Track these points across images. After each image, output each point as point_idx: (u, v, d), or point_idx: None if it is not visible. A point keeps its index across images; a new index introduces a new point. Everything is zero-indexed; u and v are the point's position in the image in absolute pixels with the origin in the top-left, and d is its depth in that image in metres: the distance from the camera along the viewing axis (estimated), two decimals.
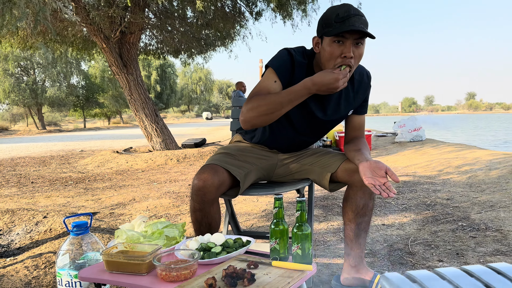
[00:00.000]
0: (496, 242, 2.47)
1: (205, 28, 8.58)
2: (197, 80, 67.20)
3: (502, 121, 39.39)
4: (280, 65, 1.71)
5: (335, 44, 1.59)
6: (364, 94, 1.87)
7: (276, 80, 1.70)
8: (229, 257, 1.43)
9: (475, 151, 6.63)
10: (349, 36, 1.56)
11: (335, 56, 1.60)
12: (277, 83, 1.69)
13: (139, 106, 8.09)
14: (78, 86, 36.31)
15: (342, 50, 1.58)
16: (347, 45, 1.57)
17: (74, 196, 4.50)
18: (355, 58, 1.62)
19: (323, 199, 3.84)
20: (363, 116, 1.92)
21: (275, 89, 1.69)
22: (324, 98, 1.77)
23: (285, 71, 1.71)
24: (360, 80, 1.84)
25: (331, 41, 1.59)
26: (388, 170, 1.54)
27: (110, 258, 1.39)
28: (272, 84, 1.69)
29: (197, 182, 1.67)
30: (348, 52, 1.57)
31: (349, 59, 1.59)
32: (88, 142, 15.57)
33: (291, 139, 1.92)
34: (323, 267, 2.20)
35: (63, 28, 7.81)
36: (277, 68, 1.71)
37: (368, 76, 1.88)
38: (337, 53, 1.59)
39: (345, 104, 1.83)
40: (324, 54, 1.64)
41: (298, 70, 1.72)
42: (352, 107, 1.86)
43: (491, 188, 3.92)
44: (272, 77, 1.70)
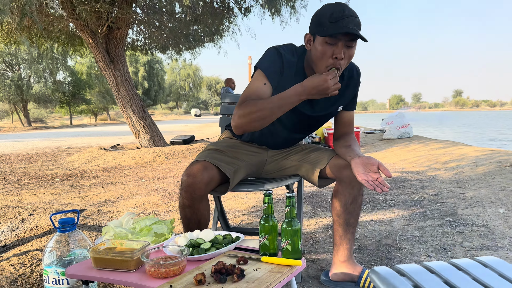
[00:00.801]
0: (483, 237, 2.50)
1: (194, 24, 8.52)
2: (186, 76, 66.81)
3: (490, 119, 40.01)
4: (269, 66, 1.71)
5: (327, 44, 1.58)
6: (353, 91, 1.88)
7: (266, 82, 1.69)
8: (219, 253, 1.42)
9: (462, 148, 6.71)
10: (342, 37, 1.56)
11: (327, 57, 1.60)
12: (267, 85, 1.69)
13: (126, 102, 8.01)
14: (64, 82, 35.81)
15: (334, 51, 1.58)
16: (339, 46, 1.57)
17: (60, 193, 4.44)
18: (346, 59, 1.62)
19: (312, 196, 3.85)
20: (352, 112, 1.93)
21: (265, 92, 1.68)
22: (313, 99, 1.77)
23: (274, 72, 1.70)
24: (350, 77, 1.85)
25: (323, 41, 1.59)
26: (380, 165, 1.55)
27: (97, 255, 1.38)
28: (262, 87, 1.69)
29: (186, 179, 1.66)
30: (340, 53, 1.57)
31: (340, 61, 1.59)
32: (74, 139, 15.39)
33: (281, 136, 1.92)
34: (312, 263, 2.21)
35: (48, 23, 7.68)
36: (266, 69, 1.70)
37: (358, 72, 1.89)
38: (329, 54, 1.59)
39: (334, 100, 1.84)
40: (315, 53, 1.63)
41: (287, 69, 1.72)
42: (341, 103, 1.86)
43: (478, 184, 3.97)
44: (261, 79, 1.70)
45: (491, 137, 15.55)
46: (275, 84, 1.71)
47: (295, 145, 2.03)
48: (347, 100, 1.88)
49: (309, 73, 1.74)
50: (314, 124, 1.91)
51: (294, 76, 1.74)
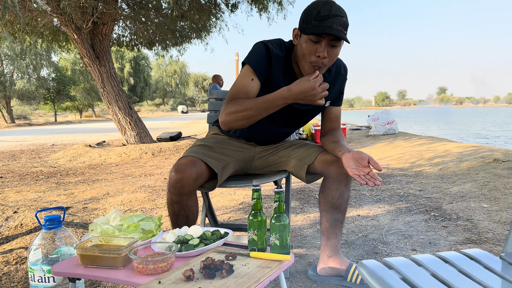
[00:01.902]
0: (467, 231, 2.55)
1: (180, 20, 8.45)
2: (172, 73, 66.34)
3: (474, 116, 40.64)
4: (257, 61, 1.70)
5: (311, 42, 1.59)
6: (340, 86, 1.90)
7: (254, 78, 1.70)
8: (207, 249, 1.42)
9: (446, 144, 6.81)
10: (326, 36, 1.57)
11: (310, 54, 1.60)
12: (254, 81, 1.70)
13: (112, 99, 7.92)
14: (49, 78, 35.26)
15: (317, 49, 1.59)
16: (322, 45, 1.58)
17: (45, 190, 4.38)
18: (329, 58, 1.62)
19: (300, 191, 3.86)
20: (339, 108, 1.94)
21: (253, 88, 1.69)
22: None
23: (262, 67, 1.70)
24: (337, 73, 1.86)
25: (308, 39, 1.60)
26: (370, 159, 1.56)
27: (84, 252, 1.36)
28: (249, 83, 1.69)
29: (174, 174, 1.65)
30: (322, 52, 1.58)
31: (322, 59, 1.60)
32: (59, 136, 15.17)
33: (269, 131, 1.92)
34: (300, 258, 2.22)
35: (32, 18, 7.53)
36: (254, 65, 1.70)
37: (345, 69, 1.91)
38: (312, 52, 1.60)
39: None
40: (300, 49, 1.64)
41: (275, 64, 1.72)
42: (329, 98, 1.87)
43: (462, 179, 4.04)
44: (249, 75, 1.70)
45: (475, 134, 15.81)
46: (263, 79, 1.71)
47: (283, 141, 2.03)
48: (334, 96, 1.89)
49: (296, 68, 1.75)
50: (301, 118, 1.91)
51: (282, 71, 1.74)
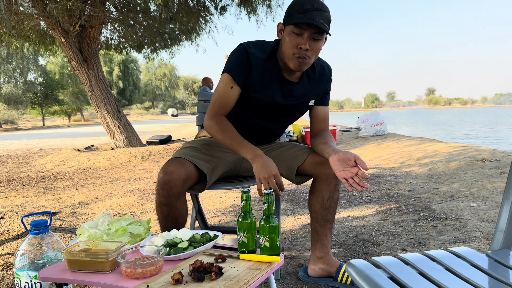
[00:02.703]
0: (456, 230, 2.57)
1: (169, 22, 8.43)
2: (162, 76, 66.09)
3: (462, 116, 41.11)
4: (235, 67, 1.74)
5: (294, 34, 1.61)
6: (325, 86, 1.91)
7: (233, 85, 1.74)
8: (196, 252, 1.41)
9: (435, 144, 6.87)
10: (307, 29, 1.59)
11: (292, 46, 1.63)
12: (234, 89, 1.75)
13: (100, 102, 7.86)
14: (36, 82, 34.88)
15: (299, 41, 1.61)
16: (304, 37, 1.60)
17: (33, 196, 4.32)
18: (311, 51, 1.64)
19: (290, 193, 3.87)
20: (326, 108, 1.95)
21: (232, 95, 1.76)
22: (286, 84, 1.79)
23: (240, 73, 1.73)
24: (322, 72, 1.89)
25: (291, 31, 1.62)
26: (357, 159, 1.56)
27: (71, 257, 1.34)
28: (229, 91, 1.75)
29: (163, 176, 1.64)
30: (304, 44, 1.60)
31: (304, 51, 1.62)
32: (47, 140, 15.00)
33: (257, 129, 1.92)
34: (290, 259, 2.22)
35: (18, 22, 7.45)
36: (232, 72, 1.73)
37: (329, 69, 1.93)
38: (294, 44, 1.62)
39: (307, 92, 1.85)
40: (283, 42, 1.67)
41: (255, 66, 1.74)
42: (313, 96, 1.88)
43: (451, 179, 4.07)
44: (228, 83, 1.74)
45: (464, 135, 15.99)
46: (243, 82, 1.74)
47: (273, 143, 2.03)
48: (319, 95, 1.90)
49: (283, 63, 1.75)
50: (287, 115, 1.91)
51: (263, 72, 1.75)
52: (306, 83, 1.83)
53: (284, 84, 1.79)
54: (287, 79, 1.78)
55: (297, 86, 1.81)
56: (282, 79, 1.78)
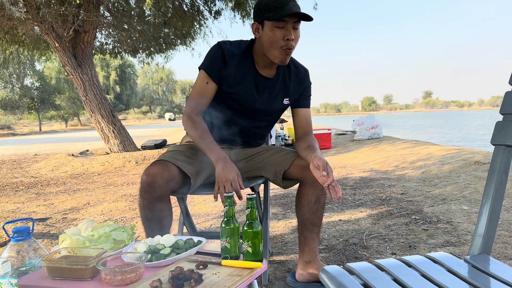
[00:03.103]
0: (447, 234, 2.56)
1: (163, 27, 8.43)
2: (159, 80, 66.14)
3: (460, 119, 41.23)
4: (209, 64, 1.80)
5: (276, 28, 1.67)
6: (300, 87, 1.93)
7: (208, 81, 1.80)
8: (178, 258, 1.39)
9: (429, 147, 6.88)
10: (289, 20, 1.65)
11: (278, 40, 1.68)
12: (209, 84, 1.80)
13: (94, 107, 7.84)
14: (33, 87, 34.82)
15: (284, 33, 1.67)
16: (288, 29, 1.67)
17: (24, 201, 4.29)
18: (295, 40, 1.72)
19: (283, 197, 3.85)
20: (307, 111, 1.96)
21: (208, 90, 1.81)
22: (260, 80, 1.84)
23: (214, 68, 1.79)
24: (297, 72, 1.93)
25: (273, 26, 1.68)
26: (323, 167, 1.55)
27: (51, 264, 1.32)
28: (204, 86, 1.81)
29: (145, 178, 1.63)
30: (290, 35, 1.67)
31: (291, 42, 1.69)
32: (43, 145, 14.95)
33: (237, 128, 1.93)
34: (279, 264, 2.21)
35: (12, 27, 7.43)
36: (207, 68, 1.80)
37: (305, 70, 1.97)
38: (280, 37, 1.67)
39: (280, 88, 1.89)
40: (267, 38, 1.71)
41: (230, 60, 1.79)
42: (286, 95, 1.90)
43: (443, 182, 4.07)
44: (204, 79, 1.81)
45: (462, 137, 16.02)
46: (218, 76, 1.80)
47: (259, 147, 2.02)
48: (294, 95, 1.93)
49: (261, 61, 1.81)
50: (264, 113, 1.93)
51: (238, 67, 1.81)
52: (280, 80, 1.88)
53: (258, 79, 1.83)
54: (261, 75, 1.83)
55: (271, 82, 1.86)
56: (257, 75, 1.83)
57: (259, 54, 1.80)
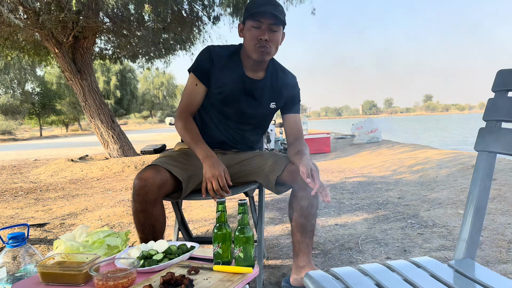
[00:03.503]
0: (442, 238, 2.57)
1: (163, 32, 8.46)
2: (159, 85, 66.23)
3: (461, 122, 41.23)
4: (197, 66, 1.88)
5: (253, 28, 1.76)
6: (287, 91, 1.97)
7: (197, 83, 1.88)
8: (170, 264, 1.41)
9: (427, 151, 6.89)
10: (264, 21, 1.73)
11: (253, 38, 1.76)
12: (198, 86, 1.89)
13: (94, 112, 7.87)
14: (33, 93, 34.91)
15: (258, 33, 1.75)
16: (262, 29, 1.75)
17: (23, 207, 4.31)
18: (271, 42, 1.77)
19: (280, 202, 3.86)
20: (297, 116, 2.00)
21: (198, 92, 1.89)
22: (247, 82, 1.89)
23: (202, 70, 1.87)
24: (284, 77, 1.97)
25: (250, 26, 1.77)
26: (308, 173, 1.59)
27: (45, 270, 1.34)
28: (194, 88, 1.89)
29: (138, 182, 1.66)
30: (263, 35, 1.74)
31: (264, 42, 1.75)
32: (43, 150, 14.98)
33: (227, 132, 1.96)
34: (274, 269, 2.22)
35: (12, 33, 7.48)
36: (195, 70, 1.88)
37: (293, 77, 2.02)
38: (254, 36, 1.76)
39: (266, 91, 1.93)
40: (245, 38, 1.82)
41: (218, 63, 1.87)
42: (272, 99, 1.95)
43: (441, 186, 4.08)
44: (193, 81, 1.89)
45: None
46: (207, 77, 1.87)
47: (252, 152, 2.03)
48: (281, 100, 1.96)
49: (247, 63, 1.88)
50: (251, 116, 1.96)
51: (225, 68, 1.88)
52: (267, 83, 1.93)
53: (246, 81, 1.89)
54: (248, 77, 1.89)
55: (259, 83, 1.91)
56: (244, 76, 1.88)
57: (245, 56, 1.86)
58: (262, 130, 2.11)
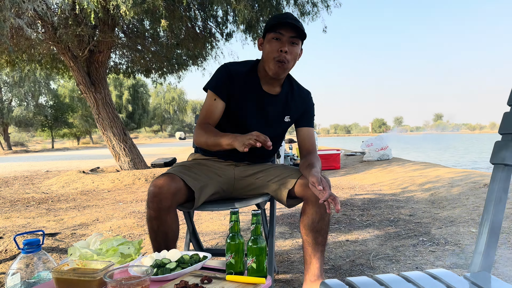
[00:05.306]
0: (454, 256, 2.54)
1: (176, 48, 8.60)
2: (170, 100, 66.91)
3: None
4: (216, 83, 1.91)
5: (274, 40, 1.80)
6: (303, 107, 2.01)
7: (216, 98, 1.89)
8: (183, 272, 1.41)
9: (438, 169, 6.83)
10: (285, 33, 1.78)
11: (274, 50, 1.79)
12: (217, 101, 1.90)
13: (107, 125, 7.97)
14: (47, 105, 35.45)
15: (279, 45, 1.79)
16: (283, 41, 1.79)
17: (35, 217, 4.35)
18: (290, 55, 1.81)
19: (290, 216, 3.85)
20: (310, 130, 2.02)
21: (217, 106, 1.90)
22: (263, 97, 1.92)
23: (221, 86, 1.89)
24: (300, 94, 2.02)
25: (270, 39, 1.81)
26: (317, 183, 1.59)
27: (60, 276, 1.35)
28: (212, 103, 1.90)
29: (152, 189, 1.67)
30: (284, 47, 1.78)
31: (284, 54, 1.78)
32: (55, 162, 15.14)
33: None
34: (285, 283, 2.20)
35: (29, 46, 7.66)
36: (213, 87, 1.90)
37: (307, 91, 2.07)
38: (275, 48, 1.79)
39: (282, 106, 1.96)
40: (264, 50, 1.85)
41: (237, 79, 1.90)
42: (288, 112, 1.98)
43: (452, 204, 4.04)
44: (211, 97, 1.91)
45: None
46: (226, 95, 1.89)
47: (264, 164, 2.04)
48: (295, 114, 2.00)
49: (264, 78, 1.91)
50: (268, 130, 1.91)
51: (244, 84, 1.91)
52: (282, 98, 1.96)
53: (262, 96, 1.92)
54: (265, 91, 1.92)
55: (275, 98, 1.94)
56: (261, 91, 1.91)
57: (262, 71, 1.89)
58: (277, 144, 2.12)
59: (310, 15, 7.80)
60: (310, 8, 7.73)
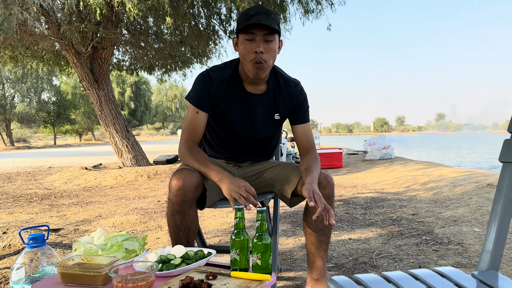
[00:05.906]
0: (457, 255, 2.53)
1: (179, 45, 8.60)
2: (173, 97, 66.99)
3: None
4: (195, 95, 1.82)
5: (247, 41, 1.67)
6: (291, 100, 1.90)
7: (198, 111, 1.81)
8: (188, 268, 1.41)
9: (441, 169, 6.82)
10: (257, 32, 1.65)
11: (248, 53, 1.68)
12: (199, 113, 1.82)
13: (109, 121, 7.98)
14: (49, 102, 35.53)
15: (253, 46, 1.66)
16: (257, 41, 1.66)
17: (38, 212, 4.36)
18: (267, 54, 1.68)
19: (293, 215, 3.85)
20: (306, 126, 1.93)
21: (199, 120, 1.81)
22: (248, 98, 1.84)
23: (203, 98, 1.80)
24: (286, 86, 1.89)
25: (244, 39, 1.68)
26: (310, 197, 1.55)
27: (65, 270, 1.35)
28: (195, 116, 1.82)
29: (176, 182, 1.62)
30: (258, 47, 1.65)
31: (260, 55, 1.66)
32: (57, 158, 15.17)
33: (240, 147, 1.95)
34: (288, 281, 2.20)
35: (33, 42, 7.67)
36: (193, 99, 1.82)
37: (296, 84, 1.92)
38: (249, 49, 1.67)
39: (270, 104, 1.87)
40: (240, 52, 1.73)
41: (218, 87, 1.81)
42: (277, 110, 1.89)
43: (455, 204, 4.03)
44: (193, 110, 1.82)
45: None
46: (208, 107, 1.82)
47: (267, 163, 2.02)
48: (284, 110, 1.90)
49: (244, 76, 1.81)
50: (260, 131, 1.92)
51: (228, 90, 1.82)
52: (269, 95, 1.86)
53: (247, 97, 1.83)
54: (250, 93, 1.83)
55: (260, 98, 1.85)
56: (245, 93, 1.82)
57: (243, 72, 1.80)
58: (274, 140, 2.07)
59: (314, 13, 7.77)
60: (314, 6, 7.69)
